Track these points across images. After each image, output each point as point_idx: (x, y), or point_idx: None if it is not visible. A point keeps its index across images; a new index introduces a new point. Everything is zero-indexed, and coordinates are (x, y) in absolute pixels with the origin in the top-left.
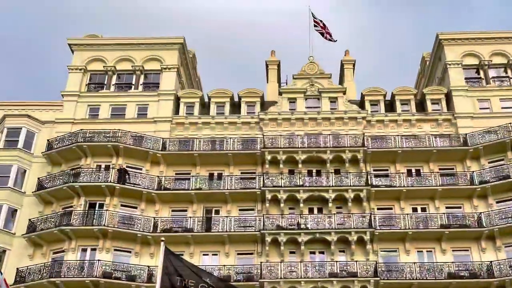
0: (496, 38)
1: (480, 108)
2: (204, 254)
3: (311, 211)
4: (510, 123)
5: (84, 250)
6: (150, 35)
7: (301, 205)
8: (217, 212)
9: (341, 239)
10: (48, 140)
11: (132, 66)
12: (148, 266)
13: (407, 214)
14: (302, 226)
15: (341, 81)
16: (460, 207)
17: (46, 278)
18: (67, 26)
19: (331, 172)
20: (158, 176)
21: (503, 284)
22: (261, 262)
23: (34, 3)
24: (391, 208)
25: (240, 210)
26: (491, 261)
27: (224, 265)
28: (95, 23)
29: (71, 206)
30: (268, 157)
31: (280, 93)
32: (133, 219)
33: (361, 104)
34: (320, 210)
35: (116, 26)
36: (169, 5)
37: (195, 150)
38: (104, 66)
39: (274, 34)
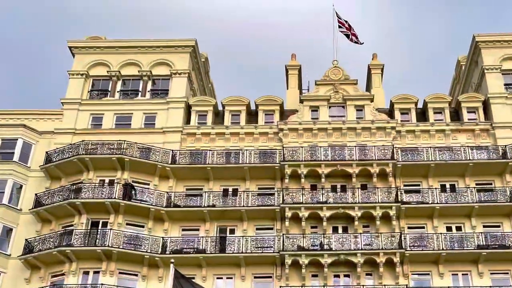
0: None
1: None
2: (217, 278)
3: (335, 230)
4: None
5: (86, 273)
6: (159, 37)
7: (325, 223)
8: (232, 231)
9: (368, 261)
10: (46, 152)
11: (138, 71)
12: None
13: (441, 233)
14: (326, 246)
15: (368, 88)
16: (499, 226)
17: None
18: (68, 27)
19: (357, 188)
20: (167, 192)
21: None
22: (280, 287)
23: (32, 2)
24: (423, 227)
25: (257, 229)
26: None
27: None
28: (97, 24)
29: (72, 225)
30: (288, 171)
31: (301, 101)
32: (140, 239)
33: (390, 113)
34: (345, 229)
35: (120, 28)
36: (178, 5)
37: (208, 164)
38: (108, 71)
39: (294, 36)
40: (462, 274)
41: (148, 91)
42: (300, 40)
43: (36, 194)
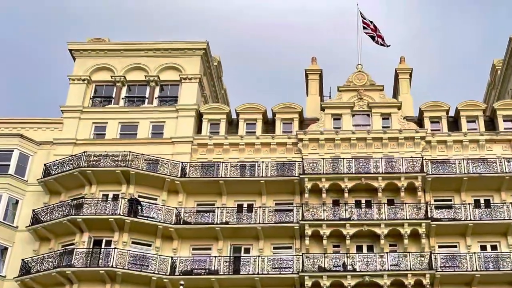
0: None
1: None
2: None
3: (359, 249)
4: None
5: None
6: (167, 39)
7: (348, 242)
8: (247, 250)
9: (395, 282)
10: (45, 164)
11: (145, 76)
12: None
13: (474, 253)
14: (349, 267)
15: (395, 94)
16: None
17: None
18: (68, 28)
19: (384, 203)
20: (176, 208)
21: None
22: None
23: (30, 2)
24: (455, 246)
25: (274, 248)
26: None
27: None
28: (100, 25)
29: (73, 244)
30: (308, 185)
31: (322, 108)
32: (147, 259)
33: (419, 122)
34: (370, 249)
35: (125, 29)
36: (188, 5)
37: (221, 177)
38: (112, 76)
39: (314, 38)
40: None
41: (156, 98)
42: (321, 43)
43: (33, 210)
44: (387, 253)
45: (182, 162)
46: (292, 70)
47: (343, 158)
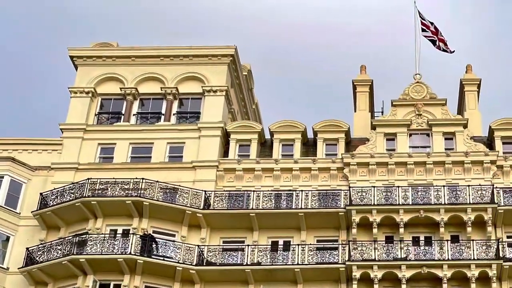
0: None
1: None
2: None
3: None
4: None
5: None
6: (187, 43)
7: (404, 287)
8: None
9: None
10: (41, 194)
11: (161, 88)
12: None
13: None
14: None
15: (460, 110)
16: None
17: None
18: (69, 31)
19: (447, 240)
20: (198, 246)
21: None
22: None
23: (26, 2)
24: None
25: None
26: None
27: None
28: (106, 27)
29: None
30: (356, 218)
31: (373, 127)
32: None
33: (489, 143)
34: None
35: (137, 32)
36: (211, 4)
37: (252, 208)
38: (121, 88)
39: (363, 42)
40: None
41: (174, 114)
42: (371, 48)
43: (27, 249)
44: None
45: (205, 191)
46: (336, 81)
47: (398, 187)
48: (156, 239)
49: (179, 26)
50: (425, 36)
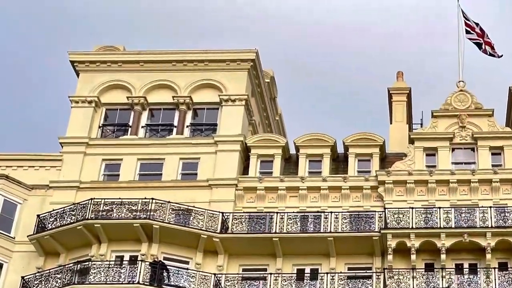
0: None
1: None
2: None
3: None
4: None
5: None
6: (202, 47)
7: None
8: None
9: None
10: (38, 216)
11: (173, 97)
12: None
13: None
14: None
15: (508, 122)
16: None
17: None
18: (70, 32)
19: (494, 268)
20: (215, 274)
21: None
22: None
23: (22, 1)
24: None
25: None
26: None
27: None
28: (111, 29)
29: None
30: (392, 243)
31: (411, 140)
32: None
33: None
34: None
35: (146, 34)
36: (229, 4)
37: (275, 232)
38: (128, 97)
39: (399, 45)
40: None
41: (187, 126)
42: (408, 52)
43: (23, 278)
44: None
45: (222, 213)
46: (369, 89)
47: (439, 208)
48: (168, 267)
49: (193, 28)
50: (470, 39)
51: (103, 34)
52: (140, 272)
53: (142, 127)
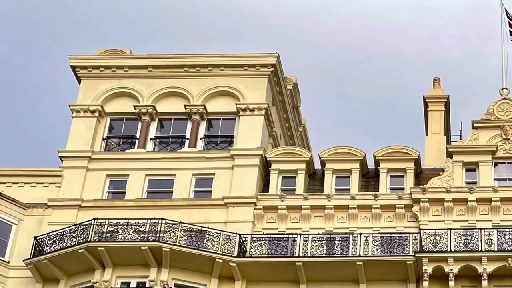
0: None
1: None
2: None
3: None
4: None
5: None
6: (217, 50)
7: None
8: None
9: None
10: (35, 238)
11: (185, 106)
12: None
13: None
14: None
15: None
16: None
17: None
18: (71, 34)
19: None
20: None
21: None
22: None
23: (23, 4)
24: None
25: None
26: None
27: None
28: (118, 31)
29: None
30: (429, 268)
31: (449, 154)
32: None
33: None
34: None
35: (155, 36)
36: (245, 2)
37: (298, 256)
38: (135, 106)
39: (435, 48)
40: None
41: (201, 139)
42: (445, 56)
43: None
44: None
45: (240, 235)
46: (402, 97)
47: (481, 229)
48: None
49: (206, 30)
50: None
51: (107, 36)
52: None
53: (151, 139)
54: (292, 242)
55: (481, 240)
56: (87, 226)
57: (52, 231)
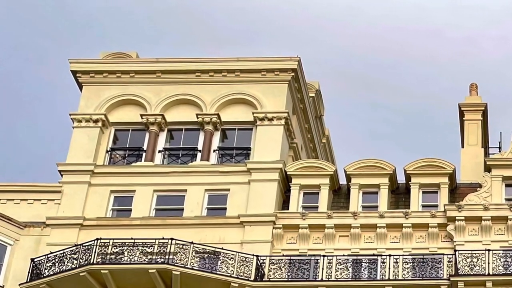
0: None
1: None
2: None
3: None
4: None
5: None
6: (231, 54)
7: None
8: None
9: None
10: (32, 260)
11: (197, 114)
12: None
13: None
14: None
15: None
16: None
17: None
18: (71, 36)
19: None
20: None
21: None
22: None
23: (18, 3)
24: None
25: None
26: None
27: None
28: (124, 32)
29: None
30: None
31: (487, 168)
32: None
33: None
34: None
35: (164, 39)
36: (262, 1)
37: (321, 280)
38: (142, 115)
39: (472, 51)
40: None
41: (214, 151)
42: (483, 60)
43: None
44: None
45: (257, 256)
46: (435, 105)
47: None
48: None
49: (221, 31)
50: None
51: (112, 38)
52: None
53: (159, 151)
54: (315, 264)
55: None
56: (89, 247)
57: (51, 253)
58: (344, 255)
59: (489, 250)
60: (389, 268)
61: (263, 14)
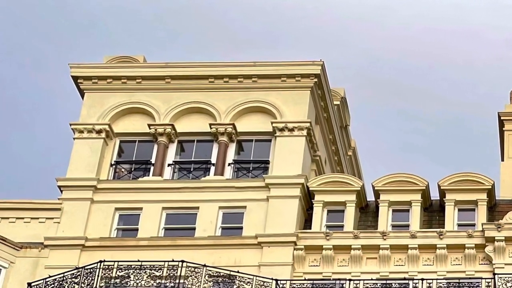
0: None
1: None
2: None
3: None
4: None
5: None
6: (248, 58)
7: None
8: None
9: None
10: (29, 284)
11: (210, 125)
12: None
13: None
14: None
15: None
16: None
17: None
18: (72, 38)
19: None
20: None
21: None
22: None
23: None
24: None
25: None
26: None
27: None
28: (129, 34)
29: None
30: None
31: None
32: None
33: None
34: None
35: (173, 41)
36: (278, 2)
37: None
38: (150, 126)
39: (508, 55)
40: None
41: (229, 164)
42: None
43: None
44: None
45: (277, 280)
46: (472, 114)
47: None
48: None
49: (237, 33)
50: None
51: (116, 40)
52: None
53: (169, 165)
54: None
55: None
56: (91, 270)
57: (50, 276)
58: (372, 279)
59: None
60: None
61: (283, 14)
